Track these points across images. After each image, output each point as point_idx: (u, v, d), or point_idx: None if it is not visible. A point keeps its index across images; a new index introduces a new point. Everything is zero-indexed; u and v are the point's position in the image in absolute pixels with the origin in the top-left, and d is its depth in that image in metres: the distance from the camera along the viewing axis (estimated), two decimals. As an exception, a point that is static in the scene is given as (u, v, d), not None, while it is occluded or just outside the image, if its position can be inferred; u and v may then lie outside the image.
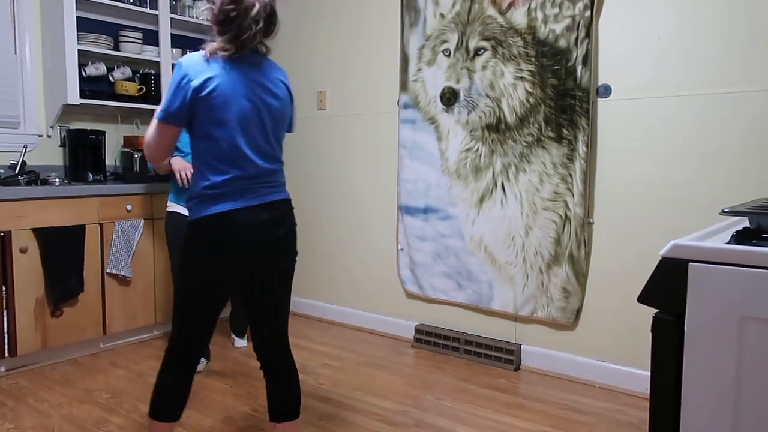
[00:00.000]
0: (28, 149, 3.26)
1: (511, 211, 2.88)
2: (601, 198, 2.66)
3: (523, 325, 2.92)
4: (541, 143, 2.76)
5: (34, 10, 3.31)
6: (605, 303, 2.66)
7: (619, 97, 2.58)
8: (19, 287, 2.76)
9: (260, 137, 1.67)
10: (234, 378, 2.75)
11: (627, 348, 2.61)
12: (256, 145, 1.66)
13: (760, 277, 0.99)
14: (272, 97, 1.71)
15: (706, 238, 1.16)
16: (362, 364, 2.97)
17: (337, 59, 3.60)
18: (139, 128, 3.80)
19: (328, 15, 3.61)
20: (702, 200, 2.40)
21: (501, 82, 2.85)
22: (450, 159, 3.07)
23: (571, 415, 2.38)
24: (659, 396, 1.11)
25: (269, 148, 1.70)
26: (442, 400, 2.53)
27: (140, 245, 3.20)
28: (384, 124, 3.40)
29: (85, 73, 3.38)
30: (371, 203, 3.49)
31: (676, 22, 2.42)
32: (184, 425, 2.26)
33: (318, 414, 2.37)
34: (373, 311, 3.53)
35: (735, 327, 1.02)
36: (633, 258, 2.58)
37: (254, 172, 1.66)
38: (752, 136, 2.28)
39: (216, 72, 1.60)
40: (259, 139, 1.66)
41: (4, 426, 2.26)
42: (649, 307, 1.12)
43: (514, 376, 2.81)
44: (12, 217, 2.73)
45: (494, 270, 2.96)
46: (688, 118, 2.42)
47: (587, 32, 2.59)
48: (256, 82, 1.68)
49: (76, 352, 3.06)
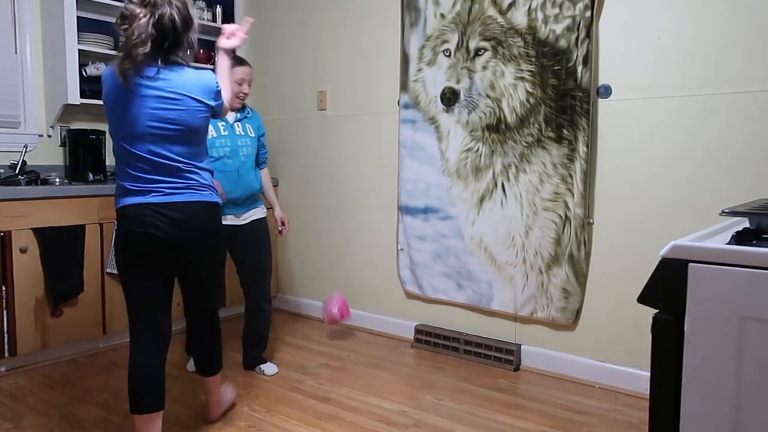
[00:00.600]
0: (28, 149, 3.26)
1: (511, 212, 2.88)
2: (601, 198, 2.66)
3: (522, 326, 2.92)
4: (541, 143, 2.76)
5: (35, 10, 3.31)
6: (605, 303, 2.66)
7: (619, 98, 2.58)
8: (19, 287, 2.76)
9: (153, 145, 1.87)
10: (234, 378, 2.75)
11: (627, 348, 2.61)
12: (149, 150, 1.87)
13: (760, 278, 0.99)
14: (165, 106, 1.87)
15: (706, 238, 1.16)
16: (362, 364, 2.97)
17: (337, 59, 3.60)
18: (140, 128, 3.79)
19: (329, 15, 3.61)
20: (702, 200, 2.40)
21: (501, 82, 2.85)
22: (450, 159, 3.07)
23: (570, 415, 2.38)
24: (659, 396, 1.11)
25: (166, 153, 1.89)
26: (442, 400, 2.53)
27: (140, 245, 3.20)
28: (384, 124, 3.40)
29: (85, 72, 3.38)
30: (371, 203, 3.49)
31: (677, 23, 2.42)
32: (183, 425, 2.26)
33: (318, 414, 2.38)
34: (373, 311, 3.53)
35: (735, 327, 1.02)
36: (633, 258, 2.58)
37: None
38: (752, 136, 2.28)
39: (112, 87, 1.88)
40: (152, 146, 1.87)
41: (4, 426, 2.26)
42: (649, 308, 1.12)
43: (513, 376, 2.81)
44: (12, 217, 2.74)
45: (494, 270, 2.96)
46: (689, 119, 2.42)
47: (588, 32, 2.59)
48: (150, 95, 1.85)
49: (75, 351, 3.06)
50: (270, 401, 2.49)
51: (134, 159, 1.87)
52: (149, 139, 1.85)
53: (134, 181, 1.88)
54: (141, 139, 1.85)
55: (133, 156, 1.86)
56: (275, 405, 2.46)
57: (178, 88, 1.86)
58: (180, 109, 1.86)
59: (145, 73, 1.82)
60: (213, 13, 3.98)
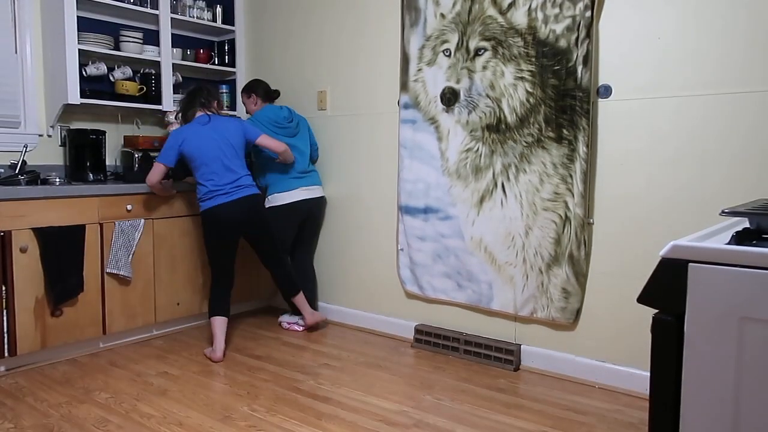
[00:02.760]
0: (28, 149, 3.26)
1: (511, 212, 2.88)
2: (601, 198, 2.66)
3: (522, 326, 2.93)
4: (541, 143, 2.76)
5: (35, 10, 3.31)
6: (605, 303, 2.66)
7: (619, 98, 2.58)
8: (19, 287, 2.76)
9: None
10: (234, 378, 2.75)
11: (627, 348, 2.61)
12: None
13: (760, 278, 0.99)
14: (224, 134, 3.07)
15: (706, 238, 1.16)
16: (362, 364, 2.97)
17: (337, 59, 3.60)
18: (140, 128, 3.80)
19: (329, 15, 3.61)
20: (702, 201, 2.40)
21: (501, 82, 2.85)
22: (450, 159, 3.07)
23: (570, 415, 2.39)
24: (659, 396, 1.11)
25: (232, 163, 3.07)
26: (442, 400, 2.53)
27: (140, 245, 3.20)
28: (384, 124, 3.40)
29: (85, 72, 3.38)
30: (371, 203, 3.49)
31: (677, 23, 2.42)
32: (183, 425, 2.26)
33: (318, 414, 2.38)
34: (373, 311, 3.53)
35: (735, 327, 1.02)
36: (633, 258, 2.58)
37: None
38: (752, 136, 2.28)
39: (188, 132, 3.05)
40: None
41: (4, 425, 2.26)
42: (649, 308, 1.12)
43: (513, 376, 2.81)
44: (12, 217, 2.74)
45: (494, 270, 2.96)
46: (689, 119, 2.42)
47: (588, 32, 2.59)
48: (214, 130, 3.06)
49: (75, 351, 3.06)
50: (270, 401, 2.49)
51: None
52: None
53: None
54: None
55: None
56: (275, 405, 2.46)
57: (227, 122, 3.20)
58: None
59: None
60: (213, 13, 3.98)
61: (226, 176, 3.01)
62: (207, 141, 3.00)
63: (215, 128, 3.04)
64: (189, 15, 3.82)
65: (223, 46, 4.11)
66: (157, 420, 2.31)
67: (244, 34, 4.11)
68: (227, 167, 3.02)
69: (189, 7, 3.82)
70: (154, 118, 3.86)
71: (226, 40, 4.12)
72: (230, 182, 3.02)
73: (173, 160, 3.02)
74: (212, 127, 3.04)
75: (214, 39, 4.20)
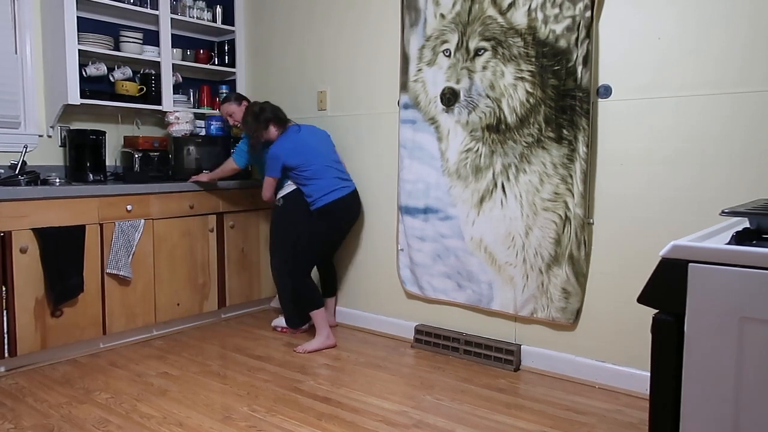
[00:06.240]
0: (28, 149, 3.26)
1: (511, 212, 2.88)
2: (601, 198, 2.66)
3: (522, 326, 2.92)
4: (541, 144, 2.76)
5: (35, 10, 3.31)
6: (605, 303, 2.66)
7: (619, 98, 2.58)
8: (19, 287, 2.76)
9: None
10: (234, 378, 2.75)
11: (627, 348, 2.61)
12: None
13: (760, 278, 0.99)
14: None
15: (706, 238, 1.16)
16: (362, 364, 2.97)
17: (337, 59, 3.60)
18: (140, 128, 3.80)
19: (329, 15, 3.61)
20: (702, 201, 2.40)
21: (501, 82, 2.85)
22: (450, 159, 3.07)
23: (570, 415, 2.38)
24: (659, 396, 1.11)
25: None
26: (442, 400, 2.53)
27: (140, 245, 3.20)
28: (384, 125, 3.40)
29: (85, 73, 3.38)
30: (371, 203, 3.49)
31: (677, 23, 2.42)
32: (183, 425, 2.26)
33: (318, 414, 2.38)
34: (373, 311, 3.53)
35: (735, 327, 1.02)
36: (633, 258, 2.58)
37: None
38: (752, 136, 2.28)
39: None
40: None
41: (4, 426, 2.26)
42: (649, 308, 1.12)
43: (513, 376, 2.81)
44: (12, 217, 2.74)
45: (494, 270, 2.96)
46: (689, 119, 2.42)
47: (588, 32, 2.59)
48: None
49: (75, 352, 3.06)
50: (270, 401, 2.50)
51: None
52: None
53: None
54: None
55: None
56: (275, 405, 2.46)
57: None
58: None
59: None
60: (213, 13, 3.98)
61: (333, 173, 3.28)
62: (310, 146, 3.26)
63: (311, 134, 3.33)
64: (189, 15, 3.82)
65: (223, 47, 4.12)
66: (157, 420, 2.31)
67: (244, 35, 4.11)
68: (330, 166, 3.29)
69: (189, 8, 3.83)
70: (154, 119, 3.86)
71: (226, 41, 4.13)
72: (339, 178, 3.31)
73: (279, 172, 3.26)
74: (307, 133, 3.32)
75: (214, 39, 4.20)
